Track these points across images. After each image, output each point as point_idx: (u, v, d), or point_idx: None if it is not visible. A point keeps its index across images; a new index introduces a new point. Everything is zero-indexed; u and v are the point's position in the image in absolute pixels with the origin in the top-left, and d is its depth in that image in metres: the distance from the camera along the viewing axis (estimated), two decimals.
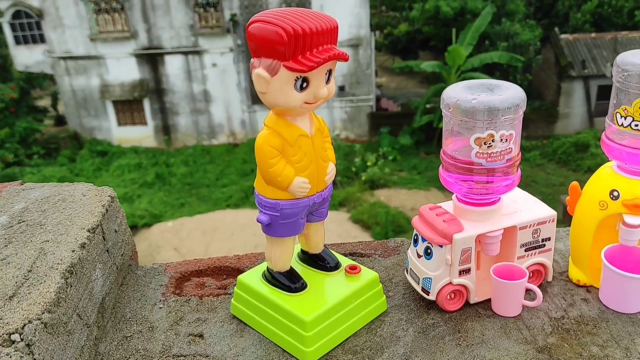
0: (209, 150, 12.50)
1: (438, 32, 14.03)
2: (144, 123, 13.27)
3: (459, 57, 12.49)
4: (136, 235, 10.25)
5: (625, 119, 0.75)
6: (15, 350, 0.55)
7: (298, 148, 0.70)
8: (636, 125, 0.74)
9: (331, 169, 0.74)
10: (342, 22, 12.81)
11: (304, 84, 0.66)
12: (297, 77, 0.65)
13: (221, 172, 11.42)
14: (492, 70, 13.07)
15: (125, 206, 10.63)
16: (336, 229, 9.68)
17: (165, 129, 13.41)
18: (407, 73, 14.11)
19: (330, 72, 0.69)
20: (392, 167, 12.19)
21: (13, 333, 0.56)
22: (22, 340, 0.56)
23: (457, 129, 0.75)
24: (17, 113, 11.48)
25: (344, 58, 0.67)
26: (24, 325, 0.58)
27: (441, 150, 0.79)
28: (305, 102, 0.67)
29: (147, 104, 13.15)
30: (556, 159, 11.30)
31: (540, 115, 13.79)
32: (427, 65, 12.78)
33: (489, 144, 0.73)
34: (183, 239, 10.05)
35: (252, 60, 0.67)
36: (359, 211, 10.75)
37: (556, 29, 14.11)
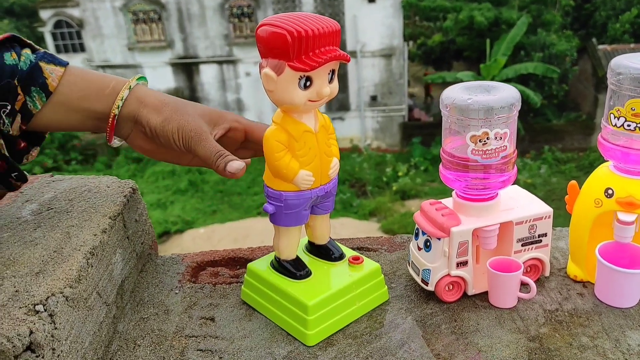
0: None
1: (472, 43, 13.96)
2: None
3: (494, 68, 12.38)
4: (168, 241, 10.44)
5: (618, 119, 0.78)
6: (39, 319, 0.61)
7: (303, 143, 0.75)
8: (628, 126, 0.77)
9: (334, 164, 0.79)
10: (375, 32, 12.89)
11: (308, 83, 0.71)
12: (300, 76, 0.70)
13: (253, 180, 11.56)
14: (527, 81, 12.93)
15: (159, 212, 10.85)
16: None
17: None
18: (440, 83, 14.07)
19: (333, 72, 0.74)
20: (423, 178, 12.14)
21: (37, 304, 0.63)
22: (45, 310, 0.63)
23: (454, 128, 0.79)
24: None
25: (345, 59, 0.72)
26: (47, 297, 0.64)
27: (441, 148, 0.83)
28: (309, 100, 0.72)
29: None
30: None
31: (576, 127, 13.58)
32: (462, 76, 12.70)
33: (484, 141, 0.76)
34: (214, 245, 10.18)
35: (260, 61, 0.73)
36: (390, 221, 10.73)
37: (594, 40, 13.90)
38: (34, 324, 0.60)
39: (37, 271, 0.68)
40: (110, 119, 0.78)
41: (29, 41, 0.79)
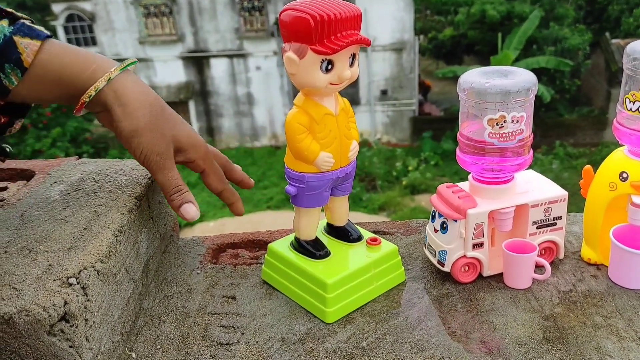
0: (251, 152, 12.70)
1: (484, 37, 13.86)
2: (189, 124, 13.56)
3: (505, 61, 12.30)
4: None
5: (633, 103, 0.79)
6: (73, 291, 0.64)
7: (324, 126, 0.77)
8: None
9: (354, 146, 0.81)
10: (386, 26, 12.85)
11: (329, 66, 0.73)
12: (322, 60, 0.72)
13: (263, 174, 11.59)
14: (539, 75, 12.79)
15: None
16: None
17: (210, 131, 13.68)
18: (451, 77, 14.01)
19: (354, 56, 0.75)
20: (433, 172, 12.11)
21: (70, 277, 0.65)
22: (78, 283, 0.65)
23: (472, 112, 0.81)
24: (68, 113, 11.90)
25: (366, 43, 0.74)
26: (80, 271, 0.66)
27: (458, 133, 0.85)
28: (331, 83, 0.74)
29: (192, 106, 13.45)
30: None
31: (588, 122, 13.47)
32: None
33: (501, 124, 0.78)
34: None
35: (283, 45, 0.75)
36: (399, 216, 10.72)
37: (607, 34, 13.77)
38: (68, 295, 0.63)
39: (69, 247, 0.71)
40: (78, 105, 0.75)
41: (9, 9, 0.73)
